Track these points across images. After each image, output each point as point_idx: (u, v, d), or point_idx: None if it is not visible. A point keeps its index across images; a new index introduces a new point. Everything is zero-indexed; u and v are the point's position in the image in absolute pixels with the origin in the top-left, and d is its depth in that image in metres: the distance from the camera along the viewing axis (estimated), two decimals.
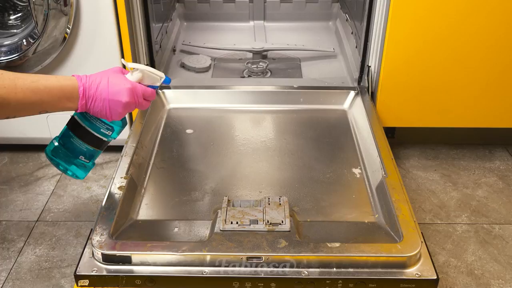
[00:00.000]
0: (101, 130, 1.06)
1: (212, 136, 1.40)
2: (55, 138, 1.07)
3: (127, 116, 1.54)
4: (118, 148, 1.31)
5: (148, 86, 1.05)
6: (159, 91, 1.53)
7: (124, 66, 1.08)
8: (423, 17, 1.36)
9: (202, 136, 1.41)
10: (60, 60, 1.44)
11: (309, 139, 1.39)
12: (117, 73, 1.00)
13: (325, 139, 1.39)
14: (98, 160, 1.63)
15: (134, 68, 1.02)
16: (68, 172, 1.09)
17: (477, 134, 1.69)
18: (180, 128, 1.43)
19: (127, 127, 1.54)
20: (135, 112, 1.53)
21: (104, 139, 1.07)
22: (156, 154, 1.33)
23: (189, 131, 1.42)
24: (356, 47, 1.70)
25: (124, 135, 1.44)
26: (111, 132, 1.07)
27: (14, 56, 1.42)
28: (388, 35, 1.40)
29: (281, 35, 2.03)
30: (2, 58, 1.42)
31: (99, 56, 1.45)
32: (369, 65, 1.51)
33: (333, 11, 2.13)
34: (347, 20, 1.94)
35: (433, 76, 1.45)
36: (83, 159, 1.07)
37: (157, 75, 1.05)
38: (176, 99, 1.54)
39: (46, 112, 0.93)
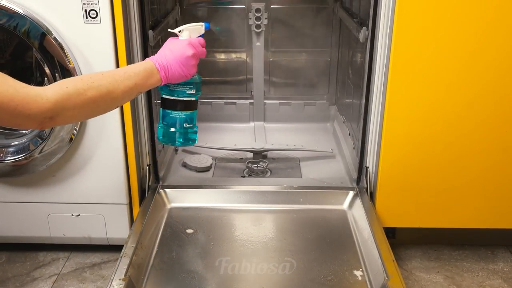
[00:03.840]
0: (187, 92, 1.22)
1: (212, 236, 1.40)
2: (158, 125, 1.28)
3: (128, 215, 1.55)
4: (118, 248, 1.30)
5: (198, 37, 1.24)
6: (160, 190, 1.55)
7: (174, 34, 1.25)
8: (418, 118, 1.41)
9: (203, 236, 1.40)
10: (65, 160, 1.48)
11: (309, 240, 1.39)
12: (172, 40, 1.20)
13: (326, 240, 1.39)
14: (96, 259, 1.62)
15: (181, 30, 1.21)
16: (184, 143, 1.27)
17: (478, 234, 1.68)
18: (180, 228, 1.43)
19: (127, 226, 1.56)
20: (135, 212, 1.54)
21: (193, 99, 1.24)
22: (155, 255, 1.31)
23: (189, 230, 1.42)
24: (353, 148, 1.75)
25: (124, 234, 1.44)
26: (195, 90, 1.23)
27: (20, 156, 1.45)
28: (384, 137, 1.44)
29: (281, 136, 2.09)
30: (9, 158, 1.46)
31: (103, 157, 1.48)
32: (367, 166, 1.55)
33: (331, 113, 2.21)
34: (344, 122, 2.00)
35: (432, 177, 1.48)
36: (186, 125, 1.25)
37: (199, 25, 1.23)
38: (177, 199, 1.55)
39: (140, 93, 1.13)
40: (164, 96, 1.24)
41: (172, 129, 1.26)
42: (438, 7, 1.29)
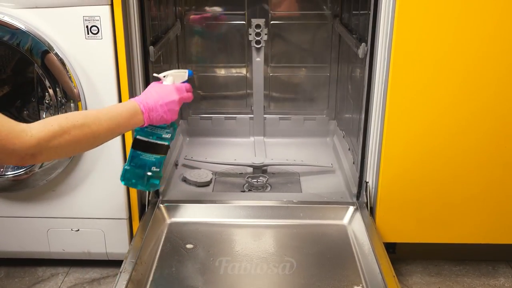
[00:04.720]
0: (163, 136, 1.24)
1: (212, 251, 1.39)
2: (125, 165, 1.26)
3: (127, 230, 1.55)
4: (117, 263, 1.30)
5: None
6: (160, 205, 1.55)
7: (157, 79, 1.27)
8: (418, 133, 1.41)
9: (202, 251, 1.40)
10: (65, 174, 1.48)
11: (309, 255, 1.38)
12: (157, 84, 1.22)
13: (326, 255, 1.38)
14: (95, 275, 1.61)
15: (165, 75, 1.23)
16: (145, 187, 1.28)
17: (479, 250, 1.68)
18: (180, 243, 1.43)
19: (127, 242, 1.55)
20: (135, 227, 1.54)
21: (166, 143, 1.26)
22: (155, 270, 1.31)
23: (189, 246, 1.42)
24: (353, 163, 1.75)
25: (124, 249, 1.44)
26: (170, 135, 1.25)
27: (20, 171, 1.45)
28: (384, 151, 1.45)
29: (281, 151, 2.09)
30: (9, 173, 1.46)
31: (103, 172, 1.48)
32: (367, 180, 1.55)
33: (330, 128, 2.22)
34: (343, 136, 2.01)
35: (432, 192, 1.48)
36: (154, 169, 1.26)
37: (182, 72, 1.25)
38: (177, 214, 1.55)
39: (122, 133, 1.13)
40: (138, 137, 1.25)
41: (139, 171, 1.26)
42: (437, 22, 1.30)
